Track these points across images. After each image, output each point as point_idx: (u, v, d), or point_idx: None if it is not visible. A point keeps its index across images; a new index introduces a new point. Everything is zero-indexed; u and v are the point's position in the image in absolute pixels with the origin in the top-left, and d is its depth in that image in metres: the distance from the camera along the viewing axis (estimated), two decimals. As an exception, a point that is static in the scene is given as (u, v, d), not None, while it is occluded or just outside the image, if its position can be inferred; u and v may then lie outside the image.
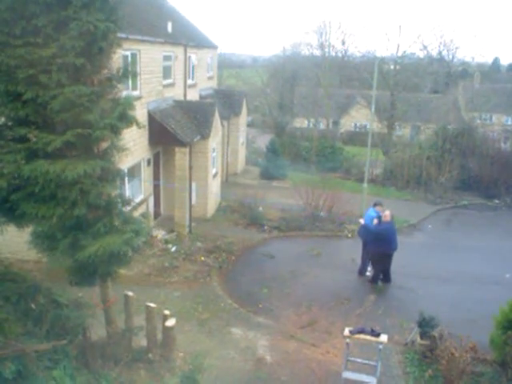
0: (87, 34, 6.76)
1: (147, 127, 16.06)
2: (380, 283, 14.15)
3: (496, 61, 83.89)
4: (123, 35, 12.36)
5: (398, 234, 14.41)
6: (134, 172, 15.64)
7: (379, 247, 13.70)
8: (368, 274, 14.71)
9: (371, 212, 14.35)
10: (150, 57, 15.96)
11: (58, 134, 6.98)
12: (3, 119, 7.37)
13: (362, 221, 14.43)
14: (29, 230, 7.81)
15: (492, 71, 74.71)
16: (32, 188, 7.00)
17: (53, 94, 6.85)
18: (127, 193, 14.03)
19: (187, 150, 16.69)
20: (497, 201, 25.46)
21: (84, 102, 6.87)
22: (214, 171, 20.06)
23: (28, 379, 6.64)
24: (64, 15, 6.74)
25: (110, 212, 7.67)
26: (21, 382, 6.55)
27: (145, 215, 9.61)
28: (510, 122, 49.92)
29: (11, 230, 7.83)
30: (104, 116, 7.16)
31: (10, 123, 7.32)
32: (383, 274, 14.20)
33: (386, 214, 13.80)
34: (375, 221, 13.94)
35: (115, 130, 7.43)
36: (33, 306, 7.73)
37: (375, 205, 14.65)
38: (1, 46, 6.85)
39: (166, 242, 15.97)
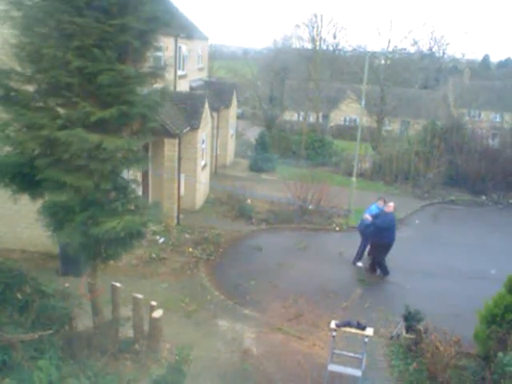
0: (153, 20, 7.16)
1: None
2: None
3: (486, 58, 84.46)
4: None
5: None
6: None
7: (383, 238, 14.09)
8: (360, 265, 14.91)
9: (373, 207, 14.84)
10: (140, 46, 15.79)
11: (99, 107, 6.95)
12: (44, 86, 7.27)
13: (368, 217, 14.49)
14: (20, 221, 7.74)
15: (482, 68, 75.20)
16: (59, 155, 6.91)
17: (101, 69, 6.81)
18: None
19: (176, 141, 16.61)
20: (484, 197, 25.65)
21: (130, 83, 7.02)
22: (202, 163, 19.99)
23: (13, 369, 6.62)
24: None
25: (127, 194, 7.76)
26: (6, 371, 6.53)
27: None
28: (498, 119, 50.21)
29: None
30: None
31: (51, 90, 7.21)
32: (380, 268, 14.47)
33: (390, 205, 14.24)
34: (368, 216, 14.28)
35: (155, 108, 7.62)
36: (19, 295, 7.69)
37: (378, 199, 15.19)
38: (59, 12, 6.74)
39: (154, 233, 15.90)
